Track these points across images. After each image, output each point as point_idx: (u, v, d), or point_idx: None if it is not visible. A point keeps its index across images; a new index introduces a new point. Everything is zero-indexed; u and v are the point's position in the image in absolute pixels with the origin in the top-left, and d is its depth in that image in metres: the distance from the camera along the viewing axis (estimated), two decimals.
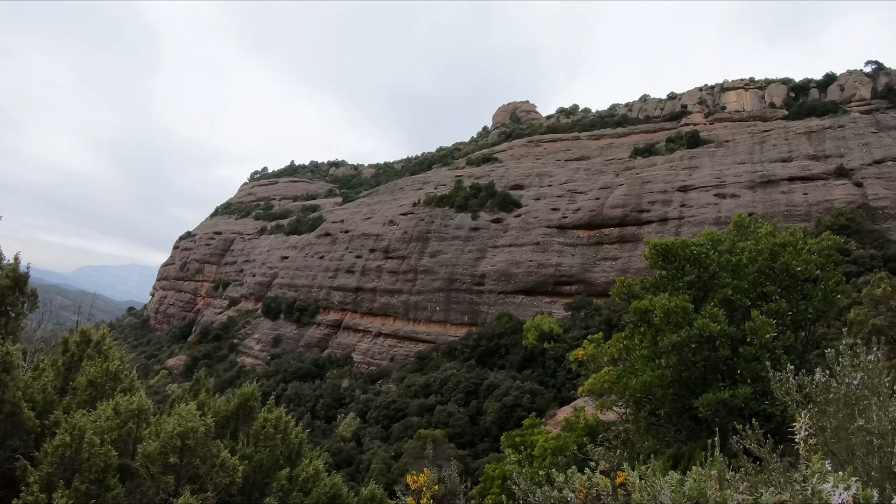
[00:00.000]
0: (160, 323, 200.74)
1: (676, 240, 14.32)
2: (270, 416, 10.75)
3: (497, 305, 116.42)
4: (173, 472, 8.82)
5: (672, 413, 13.37)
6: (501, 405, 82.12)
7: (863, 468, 5.09)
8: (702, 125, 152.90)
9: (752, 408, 11.45)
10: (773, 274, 13.38)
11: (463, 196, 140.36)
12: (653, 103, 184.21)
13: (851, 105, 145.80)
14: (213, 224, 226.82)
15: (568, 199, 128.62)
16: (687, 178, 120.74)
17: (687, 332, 12.01)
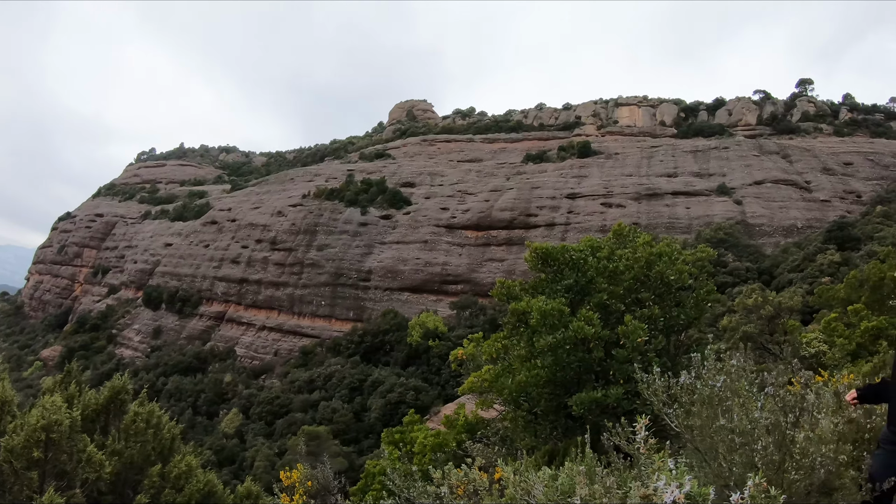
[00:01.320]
0: (35, 310, 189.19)
1: (557, 245, 14.62)
2: (142, 411, 10.32)
3: (383, 302, 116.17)
4: (38, 468, 8.38)
5: (548, 411, 13.62)
6: (386, 402, 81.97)
7: (726, 464, 5.30)
8: (594, 137, 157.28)
9: (624, 407, 11.80)
10: (647, 281, 13.85)
11: (354, 191, 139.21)
12: (548, 112, 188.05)
13: (737, 129, 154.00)
14: (94, 205, 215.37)
15: (458, 200, 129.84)
16: (576, 187, 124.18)
17: (562, 334, 12.29)
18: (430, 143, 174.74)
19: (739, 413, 5.33)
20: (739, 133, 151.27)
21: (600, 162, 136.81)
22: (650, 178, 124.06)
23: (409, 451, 19.74)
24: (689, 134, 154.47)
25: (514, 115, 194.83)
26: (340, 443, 71.68)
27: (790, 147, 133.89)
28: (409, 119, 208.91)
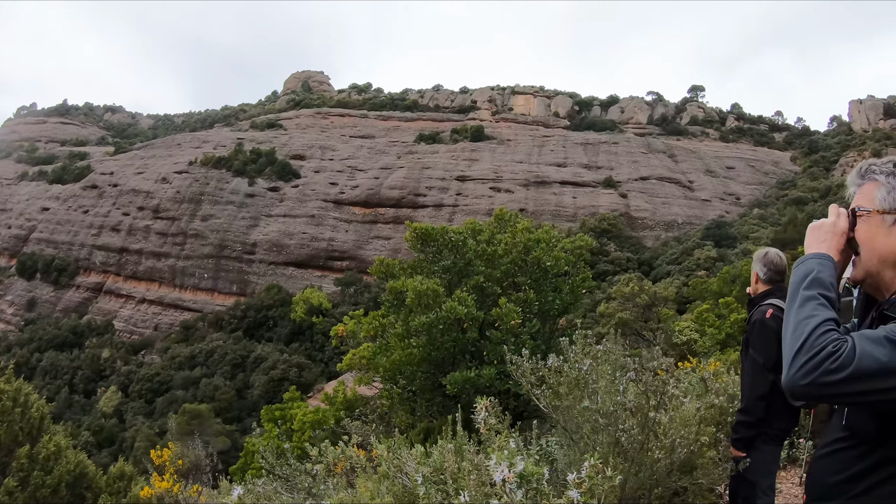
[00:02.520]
0: None
1: (437, 226, 14.70)
2: (8, 388, 9.70)
3: (267, 276, 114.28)
4: None
5: (424, 389, 13.75)
6: (269, 379, 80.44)
7: (590, 443, 5.43)
8: (488, 122, 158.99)
9: (498, 387, 12.01)
10: (524, 266, 14.09)
11: (242, 160, 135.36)
12: (445, 94, 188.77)
13: (628, 126, 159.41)
14: None
15: (348, 176, 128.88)
16: (466, 170, 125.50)
17: (436, 314, 12.37)
18: (323, 117, 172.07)
19: (603, 395, 5.47)
20: (630, 130, 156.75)
21: (492, 147, 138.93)
22: (540, 166, 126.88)
23: (288, 428, 19.58)
24: (581, 127, 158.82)
25: (411, 94, 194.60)
26: (223, 421, 69.97)
27: (677, 148, 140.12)
28: (305, 90, 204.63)
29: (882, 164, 1.96)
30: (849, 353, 1.62)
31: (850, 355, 1.61)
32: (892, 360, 1.58)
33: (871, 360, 1.59)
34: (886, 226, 1.87)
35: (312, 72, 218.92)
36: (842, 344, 1.66)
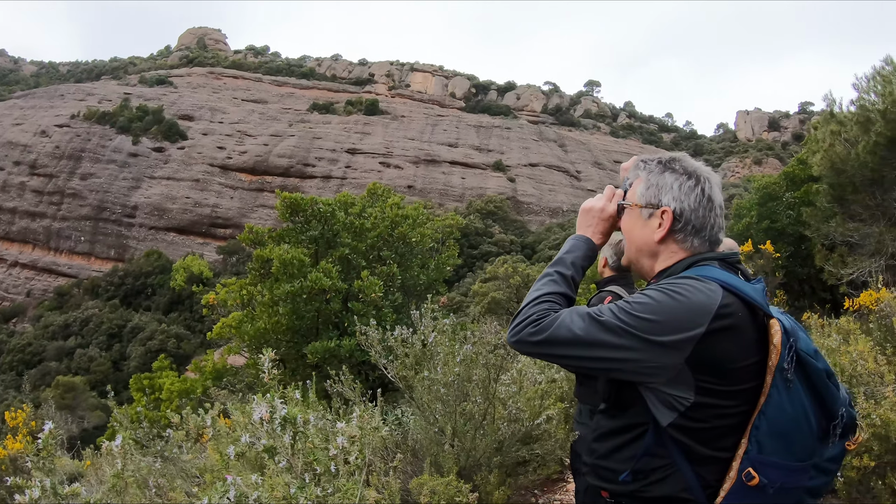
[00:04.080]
0: None
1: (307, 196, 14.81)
2: None
3: (147, 241, 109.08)
4: None
5: (288, 358, 13.83)
6: (146, 350, 76.27)
7: (430, 411, 5.72)
8: (384, 96, 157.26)
9: (358, 357, 12.25)
10: (391, 241, 14.38)
11: (128, 117, 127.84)
12: (343, 64, 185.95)
13: (523, 113, 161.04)
14: None
15: (237, 140, 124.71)
16: (357, 143, 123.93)
17: (300, 283, 12.52)
18: (216, 77, 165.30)
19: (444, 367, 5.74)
20: (524, 117, 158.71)
21: (386, 122, 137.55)
22: (432, 145, 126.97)
23: (156, 398, 19.32)
24: (476, 109, 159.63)
25: (309, 61, 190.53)
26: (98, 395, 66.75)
27: (568, 138, 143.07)
28: (200, 48, 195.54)
29: (650, 161, 2.15)
30: (549, 323, 1.90)
31: (549, 324, 1.90)
32: (586, 333, 1.85)
33: (565, 331, 1.87)
34: (643, 219, 2.07)
35: (209, 29, 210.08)
36: (548, 314, 1.94)
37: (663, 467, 1.89)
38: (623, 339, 1.82)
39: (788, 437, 1.83)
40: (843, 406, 1.95)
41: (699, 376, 1.80)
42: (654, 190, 2.06)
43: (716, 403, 1.82)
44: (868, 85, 13.13)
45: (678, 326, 1.78)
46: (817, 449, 1.90)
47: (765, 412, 1.80)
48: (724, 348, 1.81)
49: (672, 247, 2.04)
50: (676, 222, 2.00)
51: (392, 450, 5.80)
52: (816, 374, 1.87)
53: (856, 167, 12.81)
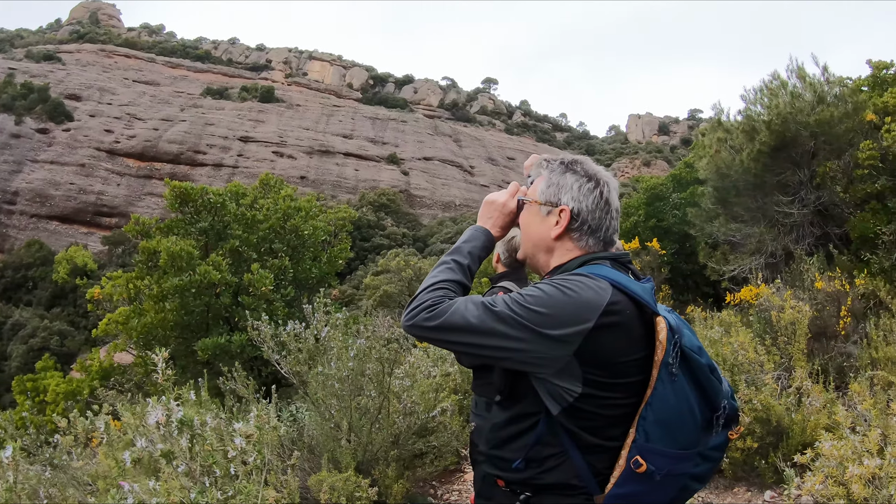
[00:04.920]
0: None
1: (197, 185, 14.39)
2: None
3: (29, 230, 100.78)
4: None
5: (178, 355, 13.42)
6: (28, 348, 70.00)
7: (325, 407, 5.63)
8: (280, 84, 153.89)
9: (249, 353, 11.99)
10: (282, 233, 14.14)
11: (11, 94, 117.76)
12: (240, 48, 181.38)
13: (419, 107, 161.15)
14: None
15: (126, 124, 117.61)
16: (251, 131, 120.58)
17: (189, 277, 12.17)
18: (108, 55, 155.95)
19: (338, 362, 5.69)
20: (420, 111, 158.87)
21: (281, 110, 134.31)
22: (326, 135, 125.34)
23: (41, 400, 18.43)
24: (373, 101, 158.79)
25: (205, 43, 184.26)
26: None
27: (463, 133, 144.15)
28: (92, 23, 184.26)
29: (553, 161, 2.20)
30: (444, 309, 1.93)
31: (444, 311, 1.93)
32: (480, 322, 1.88)
33: (459, 318, 1.90)
34: (542, 216, 2.13)
35: (103, 3, 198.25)
36: (443, 300, 1.98)
37: (555, 455, 1.95)
38: (514, 329, 1.85)
39: (674, 427, 1.90)
40: (726, 398, 2.05)
41: (587, 369, 1.85)
42: (555, 189, 2.11)
43: (603, 395, 1.88)
44: (755, 97, 13.94)
45: (567, 320, 1.83)
46: (701, 438, 1.99)
47: (651, 404, 1.86)
48: (611, 343, 1.86)
49: (568, 244, 2.09)
50: (573, 221, 2.06)
51: (289, 447, 5.76)
52: (700, 369, 1.96)
53: (740, 172, 13.51)
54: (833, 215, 13.14)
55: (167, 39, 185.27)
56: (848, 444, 4.35)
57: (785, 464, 5.31)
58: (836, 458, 4.26)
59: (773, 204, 13.21)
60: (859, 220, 11.96)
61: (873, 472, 3.93)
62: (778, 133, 12.76)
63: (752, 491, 5.98)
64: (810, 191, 12.99)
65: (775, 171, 13.26)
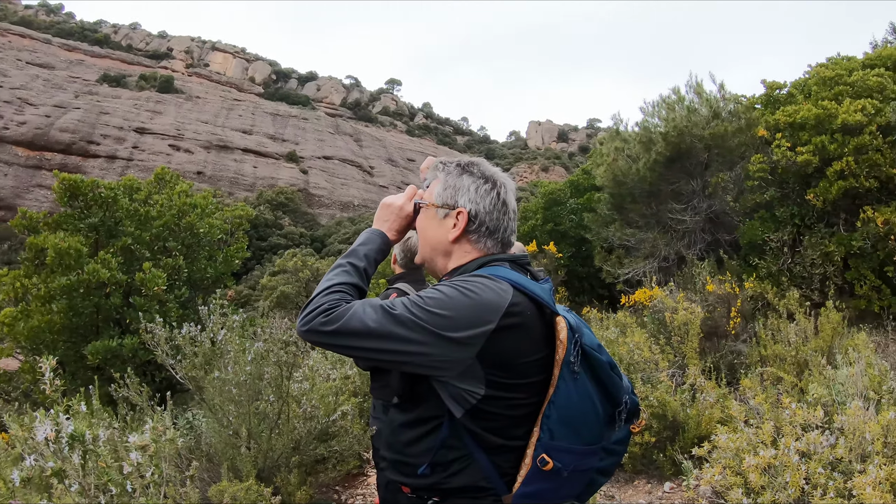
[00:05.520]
0: None
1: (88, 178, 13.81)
2: None
3: None
4: None
5: (67, 360, 12.81)
6: None
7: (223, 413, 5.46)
8: (180, 74, 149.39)
9: (142, 357, 11.52)
10: (177, 231, 13.71)
11: None
12: (141, 34, 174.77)
13: (321, 105, 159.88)
14: None
15: (16, 108, 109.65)
16: (147, 122, 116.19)
17: (77, 276, 11.66)
18: (1, 34, 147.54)
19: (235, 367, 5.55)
20: (322, 109, 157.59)
21: (180, 102, 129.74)
22: (225, 130, 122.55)
23: None
24: (275, 97, 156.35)
25: (105, 27, 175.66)
26: None
27: (364, 133, 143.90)
28: None
29: (449, 163, 2.20)
30: (341, 313, 1.88)
31: (341, 315, 1.88)
32: (379, 325, 1.84)
33: (357, 322, 1.85)
34: (439, 219, 2.12)
35: None
36: (340, 304, 1.93)
37: (460, 458, 1.94)
38: (415, 332, 1.84)
39: (577, 424, 1.93)
40: (626, 394, 2.09)
41: (489, 370, 1.86)
42: (452, 191, 2.11)
43: (506, 396, 1.89)
44: (653, 110, 14.66)
45: (469, 323, 1.83)
46: (605, 433, 2.02)
47: (554, 402, 1.89)
48: (513, 344, 1.88)
49: (466, 247, 2.10)
50: (471, 223, 2.07)
51: (187, 457, 5.61)
52: (600, 366, 1.98)
53: (636, 180, 14.03)
54: (724, 223, 13.83)
55: (65, 20, 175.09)
56: (743, 436, 4.58)
57: (682, 456, 5.54)
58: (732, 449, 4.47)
59: (667, 211, 13.77)
60: (748, 227, 12.64)
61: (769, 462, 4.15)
62: (674, 144, 13.40)
63: (651, 483, 6.18)
64: (703, 199, 13.63)
65: (670, 180, 13.87)
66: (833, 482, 3.95)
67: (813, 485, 3.97)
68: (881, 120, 11.96)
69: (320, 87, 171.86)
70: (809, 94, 14.44)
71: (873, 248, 11.09)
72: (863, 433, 4.15)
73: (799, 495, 3.95)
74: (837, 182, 11.45)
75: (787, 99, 15.06)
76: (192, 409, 7.75)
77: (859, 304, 10.97)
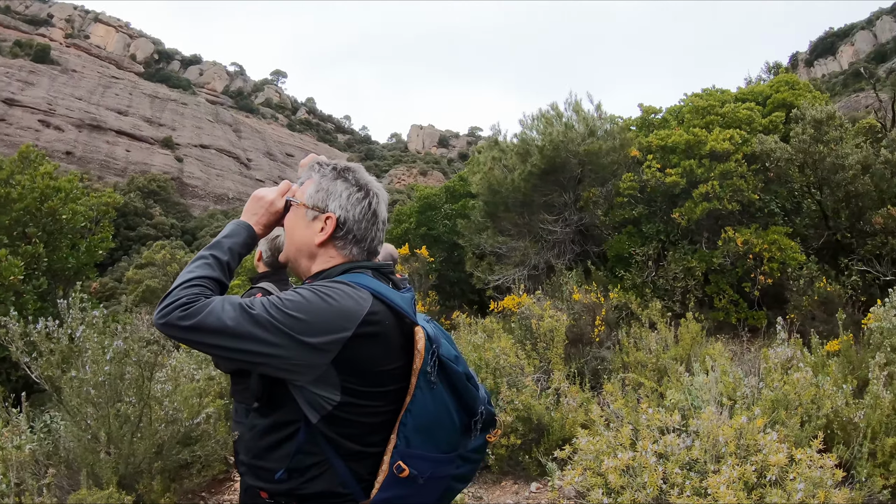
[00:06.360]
0: None
1: None
2: None
3: None
4: None
5: None
6: None
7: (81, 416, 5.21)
8: (58, 44, 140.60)
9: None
10: (38, 216, 12.95)
11: None
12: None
13: (203, 91, 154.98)
14: None
15: None
16: (18, 93, 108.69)
17: None
18: None
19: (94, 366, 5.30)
20: (204, 95, 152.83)
21: (54, 74, 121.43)
22: (100, 108, 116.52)
23: None
24: (155, 78, 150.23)
25: None
26: None
27: (244, 124, 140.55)
28: None
29: (326, 165, 2.16)
30: (199, 308, 1.83)
31: (199, 310, 1.82)
32: (236, 324, 1.80)
33: (214, 319, 1.81)
34: (307, 220, 2.08)
35: None
36: (199, 299, 1.87)
37: (318, 464, 1.93)
38: (271, 334, 1.81)
39: (433, 432, 1.97)
40: (483, 404, 2.14)
41: (345, 377, 1.86)
42: (324, 194, 2.09)
43: (362, 403, 1.90)
44: (532, 123, 15.16)
45: (325, 328, 1.82)
46: (461, 442, 2.07)
47: (411, 411, 1.92)
48: (369, 352, 1.89)
49: (331, 251, 2.08)
50: (339, 230, 2.06)
51: (44, 463, 5.34)
52: (457, 377, 2.03)
53: (510, 190, 14.41)
54: (593, 235, 14.46)
55: None
56: (603, 439, 4.77)
57: (547, 458, 5.71)
58: (592, 451, 4.63)
59: (539, 221, 14.25)
60: (616, 241, 13.28)
61: (627, 463, 4.33)
62: (549, 158, 13.92)
63: (518, 483, 6.35)
64: (574, 212, 14.19)
65: (544, 191, 14.37)
66: (690, 481, 4.17)
67: (671, 484, 4.18)
68: (747, 149, 13.06)
69: (203, 72, 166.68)
70: (682, 120, 15.37)
71: (732, 265, 12.05)
72: (716, 436, 4.39)
73: (657, 494, 4.15)
74: (702, 203, 12.24)
75: (662, 123, 16.03)
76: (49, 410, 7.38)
77: (718, 315, 11.85)
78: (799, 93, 16.11)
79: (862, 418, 5.18)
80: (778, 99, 15.96)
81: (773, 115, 14.95)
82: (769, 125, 14.62)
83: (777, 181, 13.07)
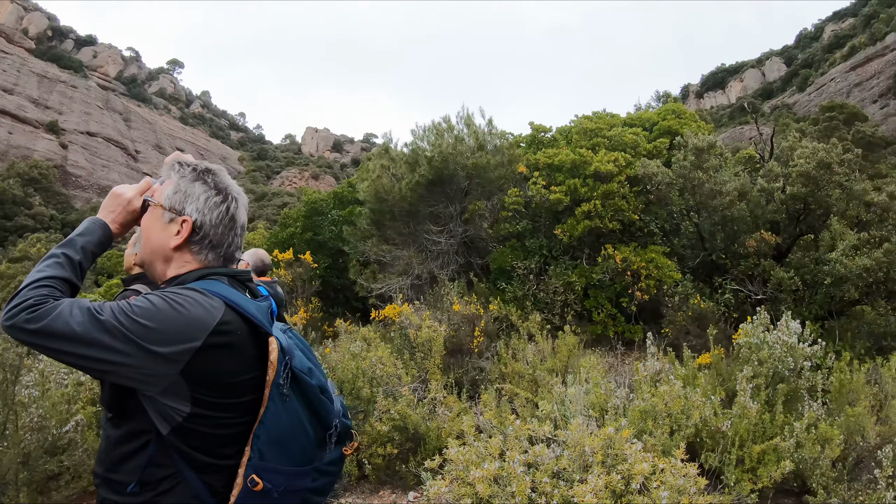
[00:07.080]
0: None
1: None
2: None
3: None
4: None
5: None
6: None
7: None
8: None
9: None
10: None
11: None
12: None
13: (95, 74, 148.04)
14: None
15: None
16: None
17: None
18: None
19: None
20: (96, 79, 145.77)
21: None
22: None
23: None
24: (46, 56, 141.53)
25: None
26: None
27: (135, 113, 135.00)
28: None
29: (186, 166, 2.10)
30: (46, 311, 1.73)
31: (46, 313, 1.72)
32: (83, 330, 1.72)
33: (62, 324, 1.71)
34: (164, 222, 2.02)
35: None
36: (47, 301, 1.77)
37: (170, 477, 1.87)
38: (118, 342, 1.74)
39: (287, 445, 1.95)
40: (337, 417, 2.14)
41: (195, 388, 1.81)
42: (181, 196, 2.04)
43: (214, 415, 1.85)
44: (424, 134, 15.47)
45: (174, 338, 1.77)
46: (316, 455, 2.06)
47: (264, 423, 1.89)
48: (220, 363, 1.85)
49: (186, 256, 2.03)
50: (195, 234, 2.02)
51: None
52: (310, 390, 2.02)
53: (397, 199, 14.57)
54: (477, 247, 14.75)
55: None
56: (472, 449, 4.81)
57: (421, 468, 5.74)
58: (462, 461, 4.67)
59: (424, 232, 14.45)
60: (499, 254, 13.59)
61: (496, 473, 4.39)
62: (438, 169, 14.19)
63: (396, 493, 6.35)
64: (459, 224, 14.45)
65: (430, 202, 14.63)
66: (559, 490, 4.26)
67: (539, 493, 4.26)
68: (631, 171, 13.65)
69: (97, 55, 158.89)
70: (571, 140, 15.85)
71: (611, 280, 12.52)
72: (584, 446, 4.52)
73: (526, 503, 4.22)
74: (584, 221, 12.68)
75: (551, 142, 16.52)
76: None
77: (596, 329, 12.29)
78: (684, 121, 16.90)
79: (730, 427, 5.49)
80: (664, 126, 16.70)
81: (658, 141, 15.63)
82: (653, 150, 15.27)
83: (658, 203, 13.66)
